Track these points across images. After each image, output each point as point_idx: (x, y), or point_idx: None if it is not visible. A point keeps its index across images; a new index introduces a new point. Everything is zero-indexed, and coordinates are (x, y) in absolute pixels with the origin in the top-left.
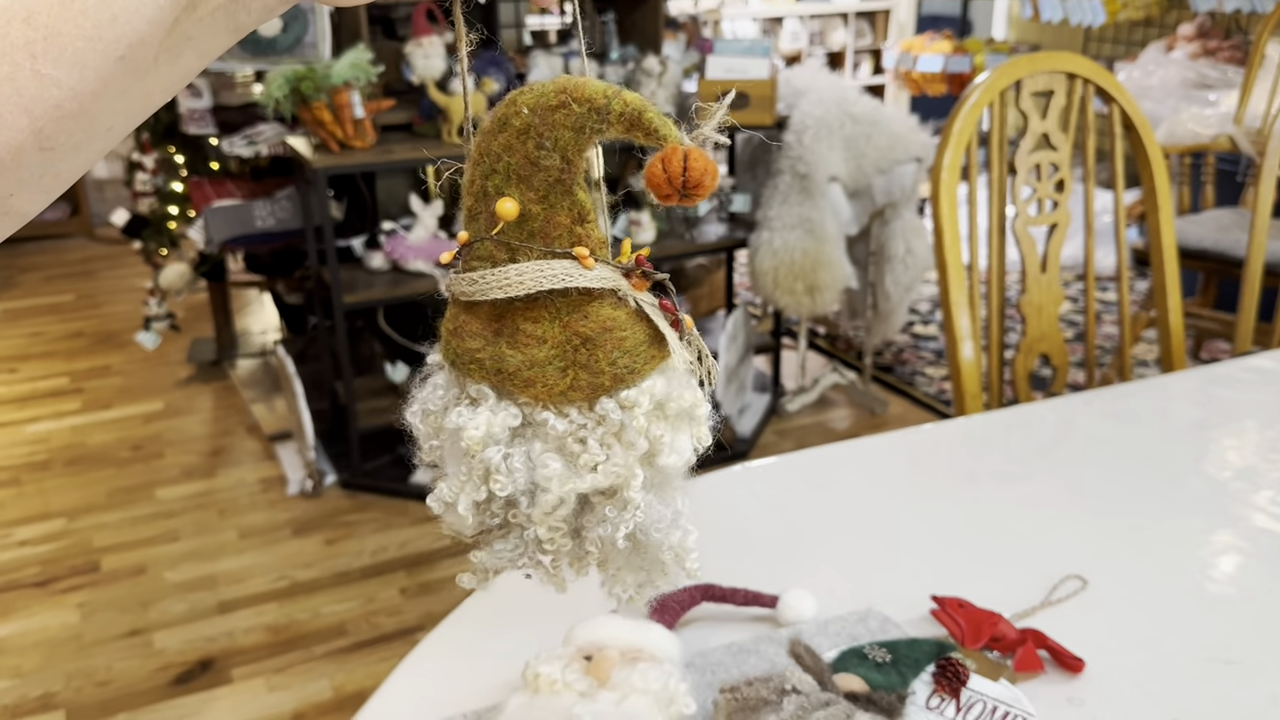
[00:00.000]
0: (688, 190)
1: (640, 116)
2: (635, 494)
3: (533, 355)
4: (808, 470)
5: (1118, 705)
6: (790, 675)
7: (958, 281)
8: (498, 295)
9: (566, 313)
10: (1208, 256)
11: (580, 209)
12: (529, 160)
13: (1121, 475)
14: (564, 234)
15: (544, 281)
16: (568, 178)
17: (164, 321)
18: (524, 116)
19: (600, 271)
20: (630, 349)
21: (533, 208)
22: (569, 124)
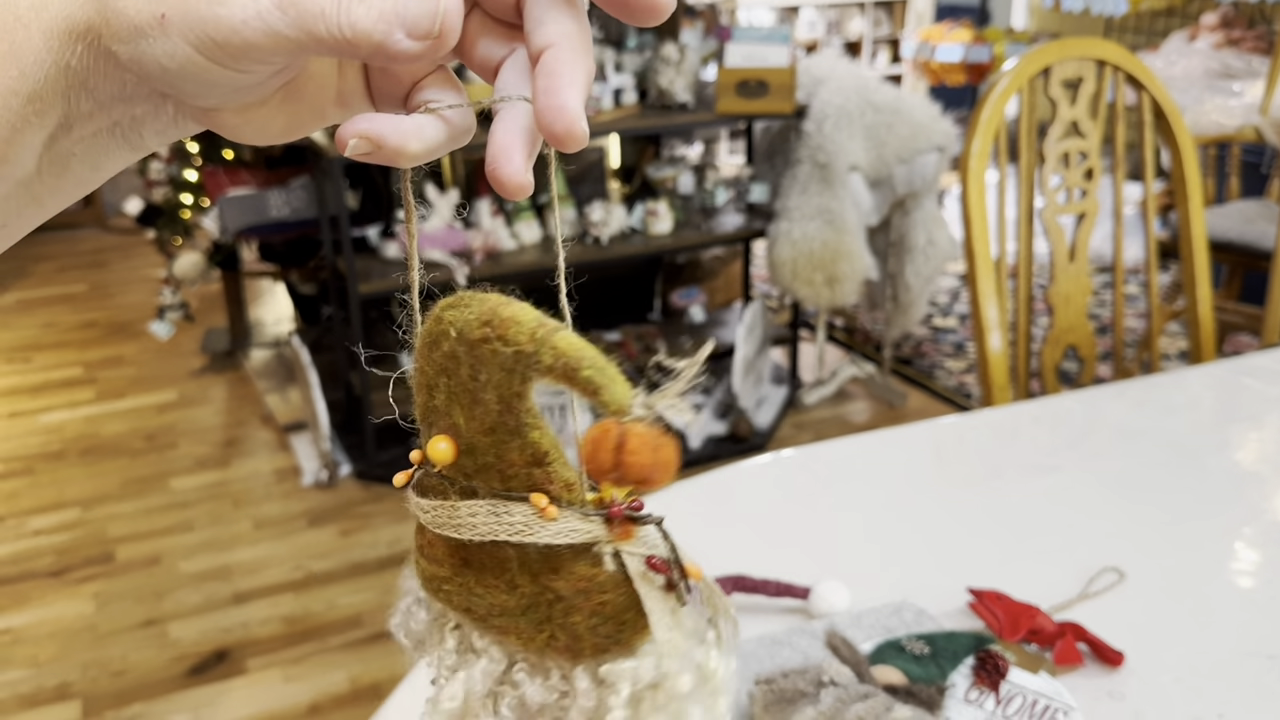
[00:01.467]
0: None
1: (575, 372)
2: None
3: (502, 602)
4: (835, 461)
5: (1159, 699)
6: (827, 667)
7: (986, 271)
8: (449, 534)
9: (536, 563)
10: (1233, 248)
11: (535, 450)
12: (468, 390)
13: (1154, 467)
14: (519, 474)
15: (498, 529)
16: (511, 420)
17: (178, 311)
18: (451, 342)
19: (568, 524)
20: (612, 615)
21: (481, 440)
22: (497, 364)
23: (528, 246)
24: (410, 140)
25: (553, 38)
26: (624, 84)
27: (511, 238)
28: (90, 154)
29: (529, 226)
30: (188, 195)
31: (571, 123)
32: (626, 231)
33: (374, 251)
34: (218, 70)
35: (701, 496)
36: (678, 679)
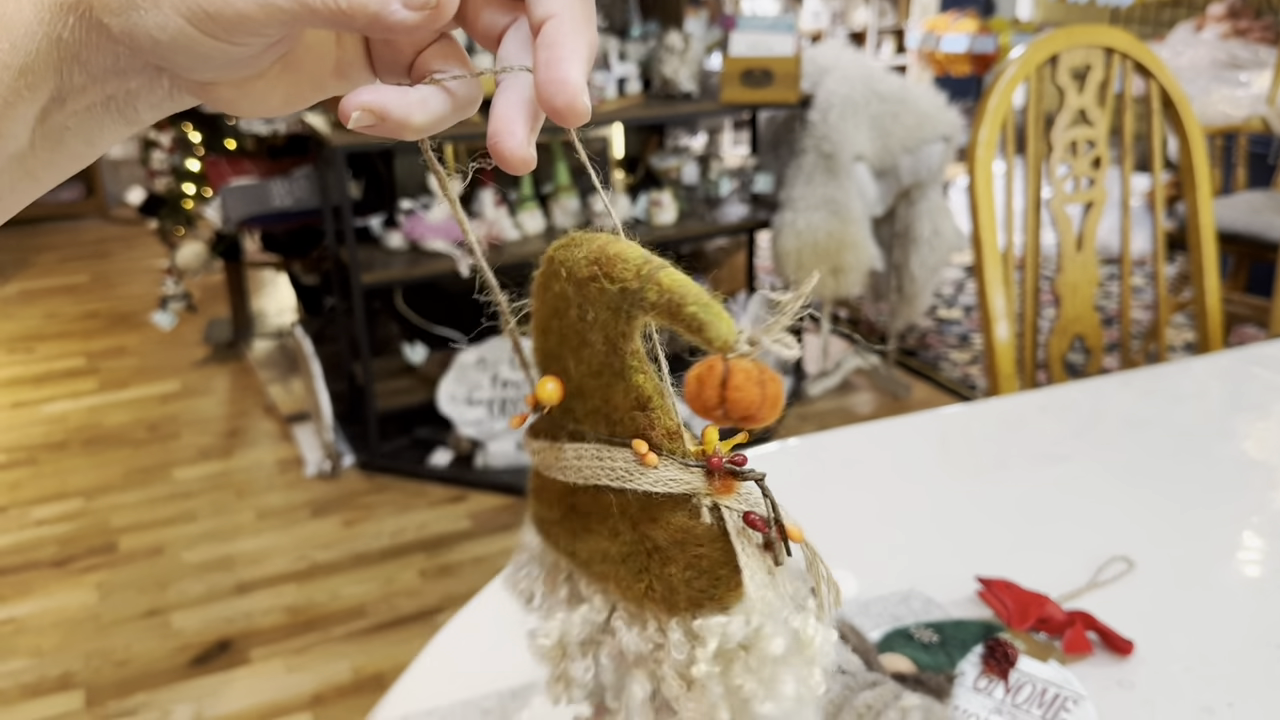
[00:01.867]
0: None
1: (680, 309)
2: None
3: (604, 549)
4: (841, 449)
5: (1169, 688)
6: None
7: (993, 260)
8: (556, 476)
9: (636, 510)
10: (1240, 239)
11: (639, 394)
12: (577, 332)
13: (1162, 456)
14: (624, 419)
15: (600, 473)
16: (616, 361)
17: (180, 302)
18: (561, 283)
19: (667, 472)
20: (708, 569)
21: (589, 383)
22: (604, 302)
23: (531, 236)
24: (415, 112)
25: (554, 8)
26: (628, 73)
27: (515, 228)
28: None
29: (532, 216)
30: (190, 185)
31: (573, 97)
32: (630, 222)
33: (377, 242)
34: (211, 43)
35: None
36: (770, 641)
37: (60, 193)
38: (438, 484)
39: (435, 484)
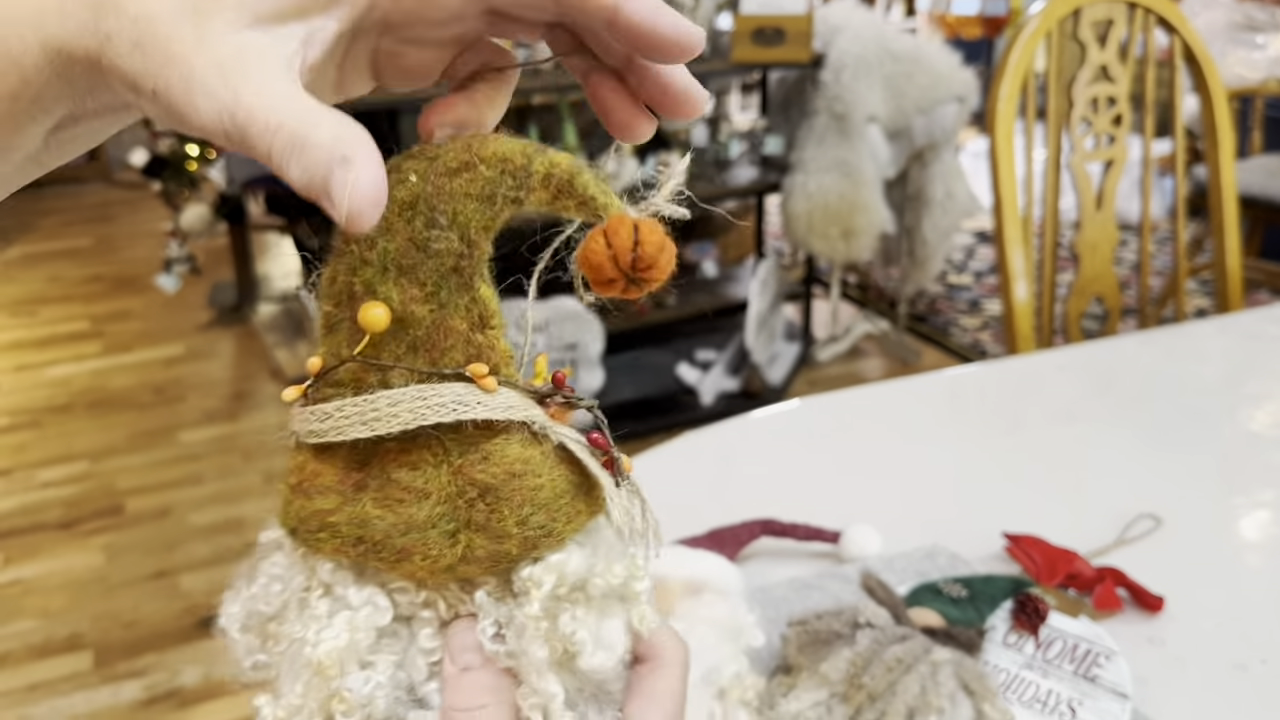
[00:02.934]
0: (637, 273)
1: (571, 181)
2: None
3: (409, 515)
4: (860, 407)
5: (1201, 644)
6: (863, 609)
7: (1012, 217)
8: (361, 433)
9: (459, 454)
10: (1255, 203)
11: (483, 309)
12: (415, 244)
13: (1185, 414)
14: (458, 344)
15: (427, 413)
16: (467, 265)
17: (185, 264)
18: (411, 185)
19: (506, 397)
20: (547, 502)
21: (416, 309)
22: (474, 192)
23: None
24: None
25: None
26: None
27: None
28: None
29: None
30: (193, 146)
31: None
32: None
33: None
34: None
35: (725, 443)
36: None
37: None
38: None
39: None
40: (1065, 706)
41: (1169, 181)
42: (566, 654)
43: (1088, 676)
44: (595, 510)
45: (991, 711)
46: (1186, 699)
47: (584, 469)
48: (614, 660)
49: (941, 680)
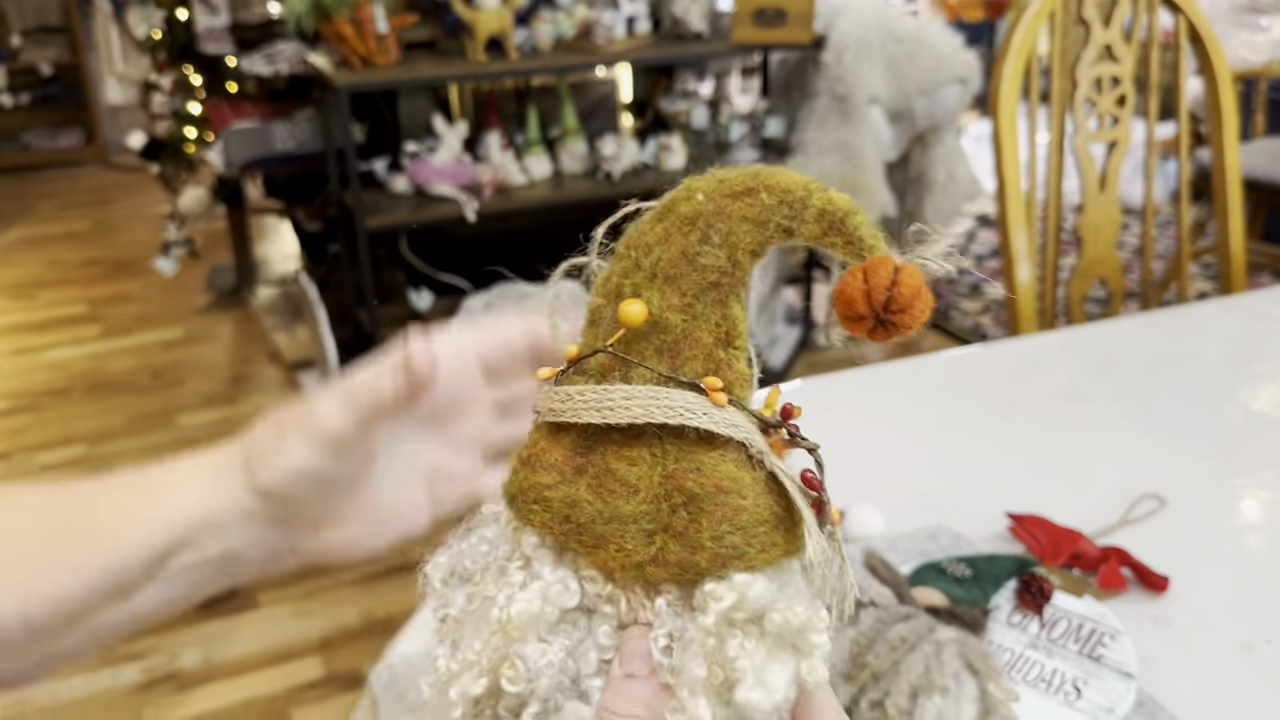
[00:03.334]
0: (890, 314)
1: (844, 220)
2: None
3: (616, 506)
4: (863, 387)
5: (1205, 625)
6: (866, 588)
7: (1015, 198)
8: (592, 418)
9: (675, 459)
10: (1258, 186)
11: (731, 326)
12: (685, 257)
13: (1189, 396)
14: (700, 356)
15: (655, 411)
16: (728, 282)
17: (183, 248)
18: (695, 203)
19: (731, 415)
20: (745, 525)
21: (672, 317)
22: (751, 215)
23: (538, 181)
24: None
25: None
26: (637, 12)
27: (521, 172)
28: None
29: (539, 161)
30: (191, 129)
31: None
32: (639, 166)
33: (381, 186)
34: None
35: None
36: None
37: (59, 139)
38: None
39: None
40: (1070, 686)
41: (1171, 165)
42: (726, 682)
43: (1093, 656)
44: (792, 549)
45: (996, 691)
46: (1192, 679)
47: (790, 504)
48: (770, 703)
49: (946, 659)
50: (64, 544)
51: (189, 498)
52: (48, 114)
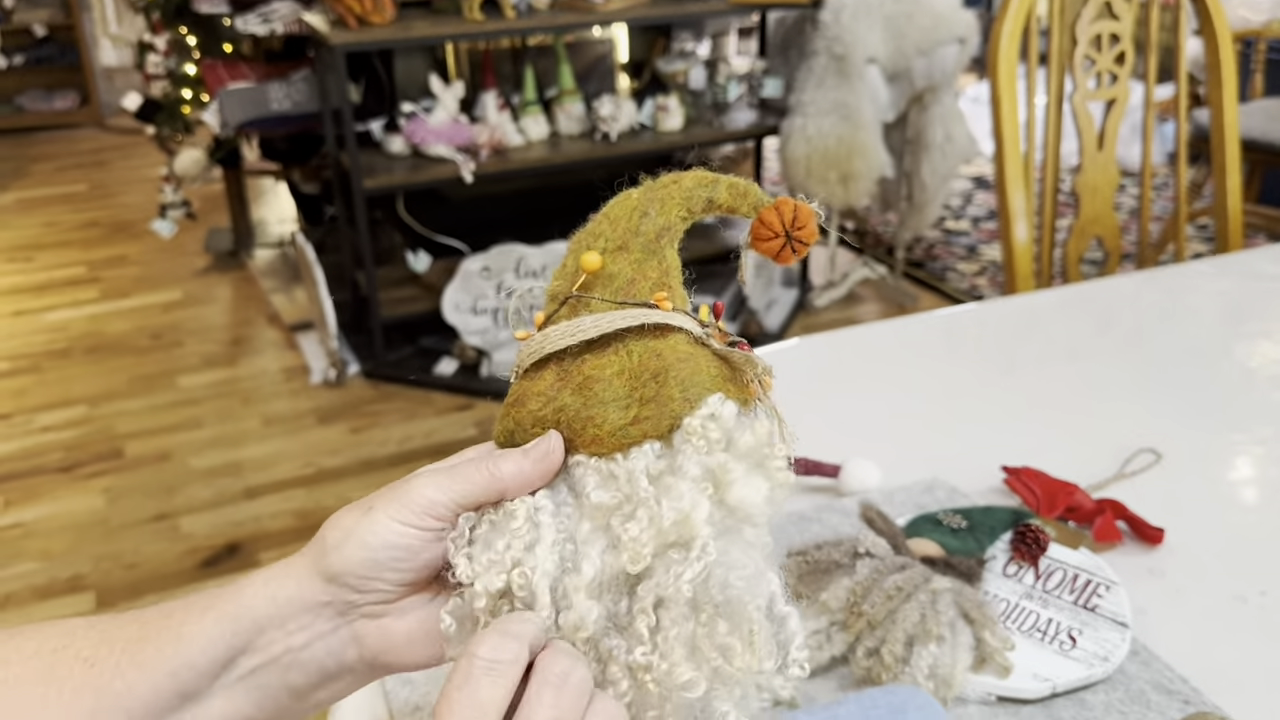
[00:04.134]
0: (795, 229)
1: (748, 189)
2: (702, 525)
3: (596, 395)
4: (860, 345)
5: (1200, 576)
6: (863, 539)
7: (1013, 156)
8: (567, 342)
9: (639, 355)
10: (1256, 147)
11: (669, 267)
12: (630, 230)
13: (1186, 352)
14: (646, 288)
15: (618, 321)
16: (665, 237)
17: (180, 209)
18: (632, 199)
19: (678, 315)
20: (705, 380)
21: (622, 268)
22: (678, 195)
23: (535, 142)
24: None
25: None
26: None
27: (518, 133)
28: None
29: (536, 121)
30: (187, 89)
31: None
32: (636, 127)
33: (378, 146)
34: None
35: None
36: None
37: (54, 101)
38: (444, 393)
39: (441, 393)
40: (1065, 635)
41: (1169, 127)
42: (718, 485)
43: (1088, 606)
44: (742, 399)
45: (991, 639)
46: (1186, 629)
47: (735, 369)
48: (759, 498)
49: (941, 608)
50: (136, 647)
51: (256, 597)
52: (42, 76)
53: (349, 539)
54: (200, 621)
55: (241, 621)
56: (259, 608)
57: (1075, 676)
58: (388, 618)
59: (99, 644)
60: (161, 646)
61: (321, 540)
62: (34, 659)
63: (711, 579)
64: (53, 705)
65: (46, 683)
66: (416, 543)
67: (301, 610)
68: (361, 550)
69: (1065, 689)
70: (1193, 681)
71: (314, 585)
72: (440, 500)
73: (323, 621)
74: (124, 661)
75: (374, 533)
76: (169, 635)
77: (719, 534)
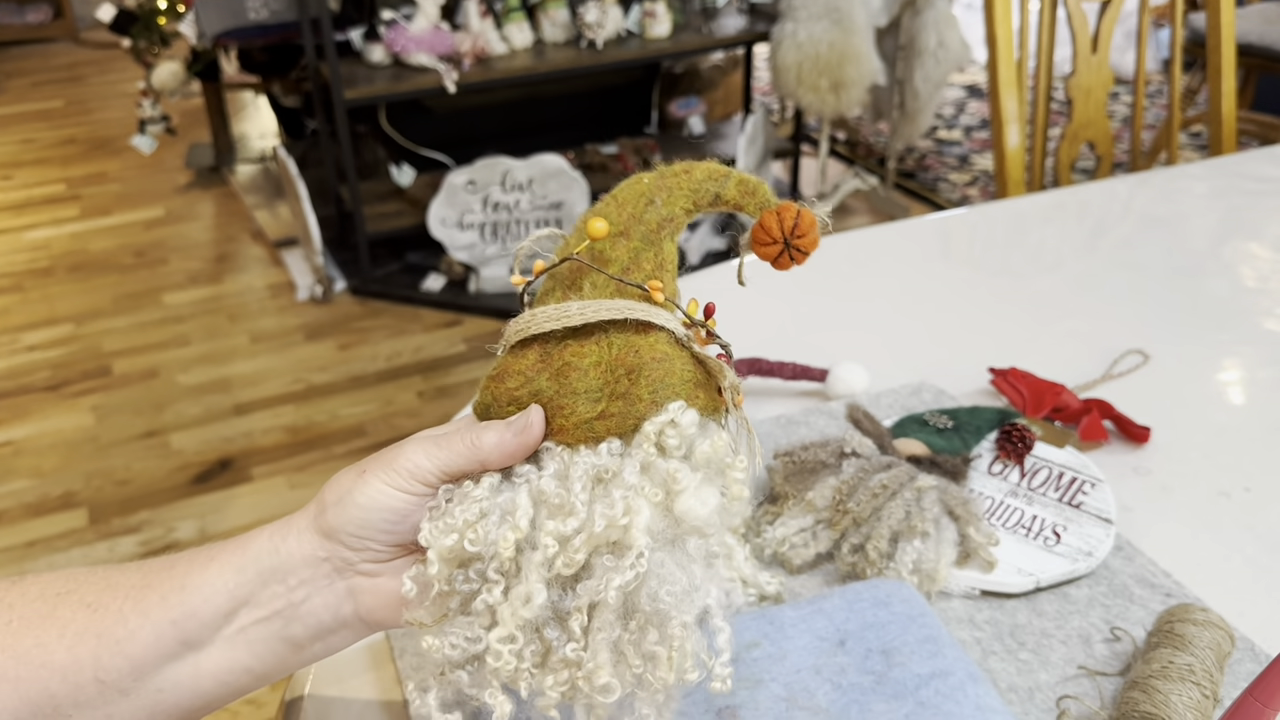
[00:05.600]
0: (795, 237)
1: (757, 188)
2: (639, 534)
3: (571, 384)
4: (849, 251)
5: (1185, 474)
6: (849, 439)
7: (1006, 59)
8: (551, 326)
9: (619, 347)
10: (1251, 51)
11: (665, 258)
12: (634, 217)
13: (1177, 254)
14: (640, 278)
15: (603, 312)
16: (666, 230)
17: (159, 124)
18: (643, 184)
19: (663, 312)
20: (675, 384)
21: (620, 253)
22: (687, 186)
23: (519, 50)
24: None
25: None
26: None
27: (501, 40)
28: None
29: (520, 29)
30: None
31: None
32: (623, 34)
33: (358, 56)
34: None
35: (714, 287)
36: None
37: (27, 15)
38: (431, 309)
39: (429, 309)
40: (1050, 531)
41: (1164, 34)
42: (667, 496)
43: (1073, 503)
44: (712, 407)
45: (976, 535)
46: (1170, 525)
47: (710, 374)
48: (705, 511)
49: (926, 505)
50: (140, 594)
51: (260, 550)
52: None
53: (345, 499)
54: (204, 572)
55: (246, 573)
56: (263, 560)
57: (1059, 571)
58: (382, 577)
59: (103, 590)
60: (165, 595)
61: (321, 498)
62: (38, 602)
63: (643, 589)
64: (55, 648)
65: (50, 626)
66: (405, 506)
67: (302, 565)
68: (355, 510)
69: (1049, 583)
70: (1175, 576)
71: (313, 541)
72: (426, 467)
73: (321, 577)
74: (127, 608)
75: (366, 494)
76: (173, 584)
77: (661, 543)
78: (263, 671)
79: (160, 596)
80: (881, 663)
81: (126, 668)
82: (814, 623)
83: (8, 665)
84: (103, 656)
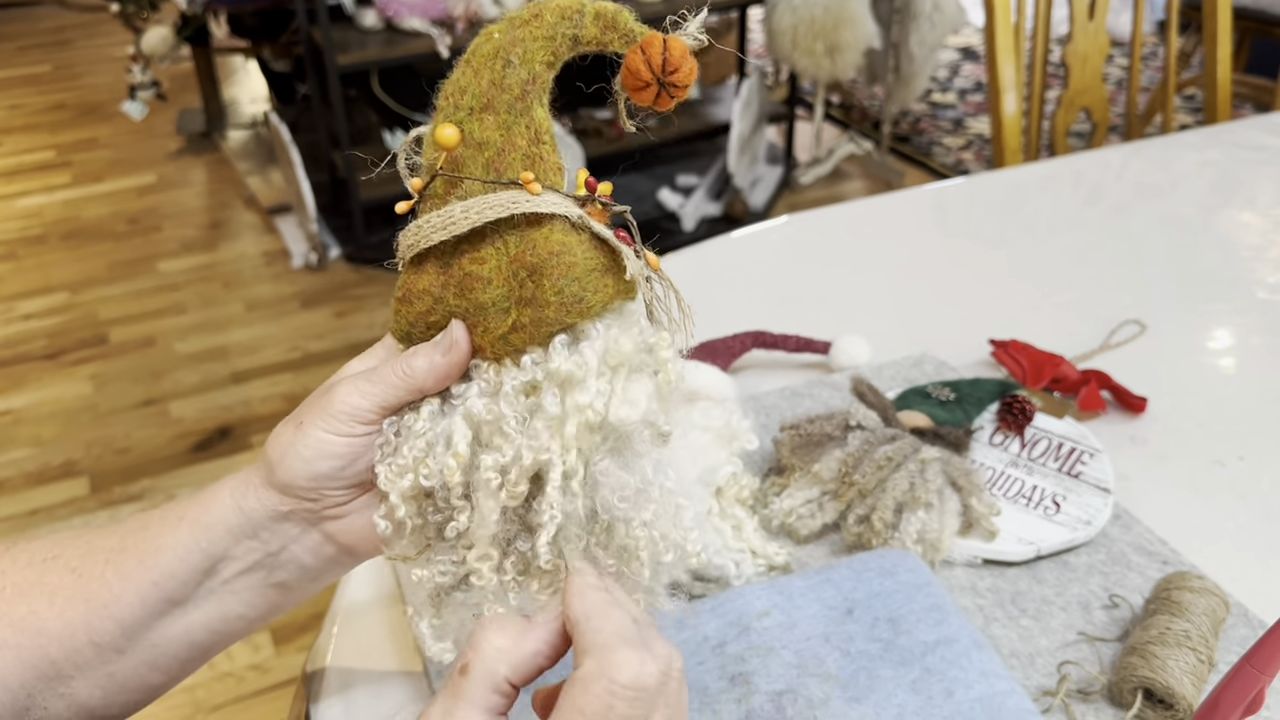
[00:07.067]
0: (667, 75)
1: (615, 18)
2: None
3: (478, 299)
4: (849, 222)
5: (1181, 443)
6: (853, 412)
7: (1004, 25)
8: (441, 237)
9: (515, 246)
10: (1246, 14)
11: (537, 128)
12: (494, 84)
13: (1174, 224)
14: (518, 158)
15: (487, 211)
16: (531, 92)
17: (149, 90)
18: (493, 40)
19: (550, 197)
20: (580, 276)
21: (490, 135)
22: (540, 34)
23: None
24: None
25: None
26: None
27: (494, 4)
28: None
29: None
30: None
31: None
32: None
33: (350, 20)
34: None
35: (715, 259)
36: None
37: None
38: None
39: None
40: (1049, 501)
41: None
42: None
43: (1072, 473)
44: (624, 289)
45: (978, 505)
46: (1167, 493)
47: (614, 254)
48: (638, 414)
49: (929, 476)
50: (119, 558)
51: (224, 508)
52: None
53: (286, 455)
54: (175, 533)
55: (215, 530)
56: (230, 519)
57: (1059, 540)
58: (353, 515)
59: (85, 555)
60: (142, 558)
61: (266, 457)
62: (28, 569)
63: (595, 501)
64: (48, 615)
65: (40, 593)
66: (349, 449)
67: (269, 520)
68: (299, 464)
69: (1049, 552)
70: (1172, 543)
71: (272, 498)
72: (364, 406)
73: (291, 527)
74: (108, 572)
75: (307, 445)
76: (147, 546)
77: (606, 452)
78: (257, 616)
79: (138, 560)
80: (888, 630)
81: (117, 630)
82: (823, 592)
83: (7, 634)
84: (93, 621)
